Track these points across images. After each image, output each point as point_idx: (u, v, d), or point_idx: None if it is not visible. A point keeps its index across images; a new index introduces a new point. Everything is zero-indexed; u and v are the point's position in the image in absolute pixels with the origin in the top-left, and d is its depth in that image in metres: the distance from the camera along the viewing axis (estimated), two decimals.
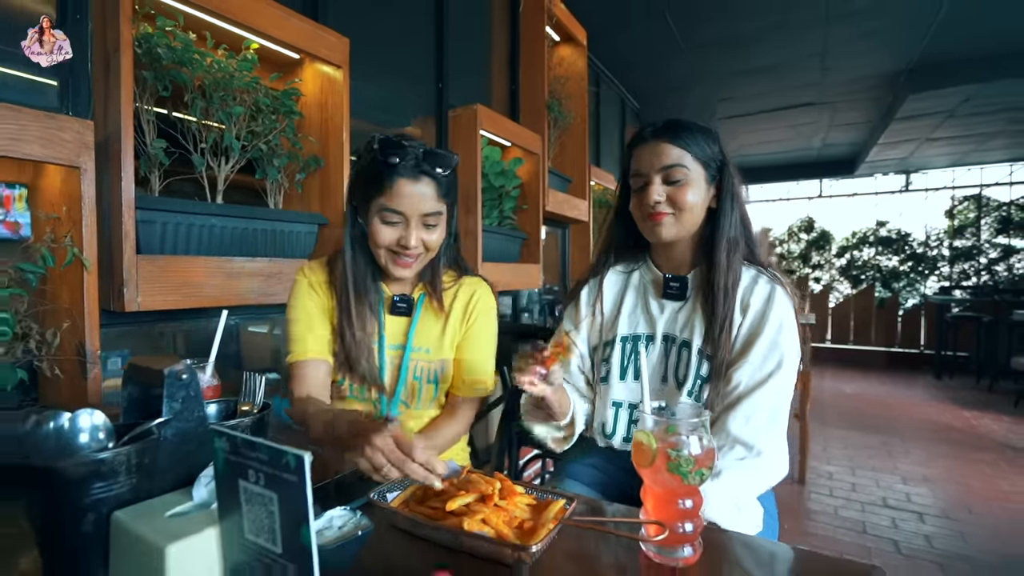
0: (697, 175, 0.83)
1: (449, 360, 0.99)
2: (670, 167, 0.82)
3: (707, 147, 0.84)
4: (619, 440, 0.88)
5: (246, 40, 1.31)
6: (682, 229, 0.85)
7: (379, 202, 0.85)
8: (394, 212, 0.84)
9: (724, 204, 0.84)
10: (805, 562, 0.47)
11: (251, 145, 1.30)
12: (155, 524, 0.42)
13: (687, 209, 0.83)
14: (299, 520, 0.34)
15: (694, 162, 0.83)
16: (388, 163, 0.82)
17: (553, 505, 0.50)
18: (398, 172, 0.83)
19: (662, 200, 0.83)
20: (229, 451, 0.38)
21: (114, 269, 1.00)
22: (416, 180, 0.84)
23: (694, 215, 0.84)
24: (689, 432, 0.47)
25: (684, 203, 0.82)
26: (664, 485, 0.47)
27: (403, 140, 0.84)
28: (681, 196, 0.82)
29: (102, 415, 0.44)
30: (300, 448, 0.34)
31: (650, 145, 0.84)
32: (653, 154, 0.84)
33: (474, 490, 0.50)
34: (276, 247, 1.34)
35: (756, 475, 0.74)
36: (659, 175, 0.83)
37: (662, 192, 0.83)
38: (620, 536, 0.44)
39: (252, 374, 0.61)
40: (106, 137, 1.01)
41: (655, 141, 0.84)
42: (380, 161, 0.83)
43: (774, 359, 0.78)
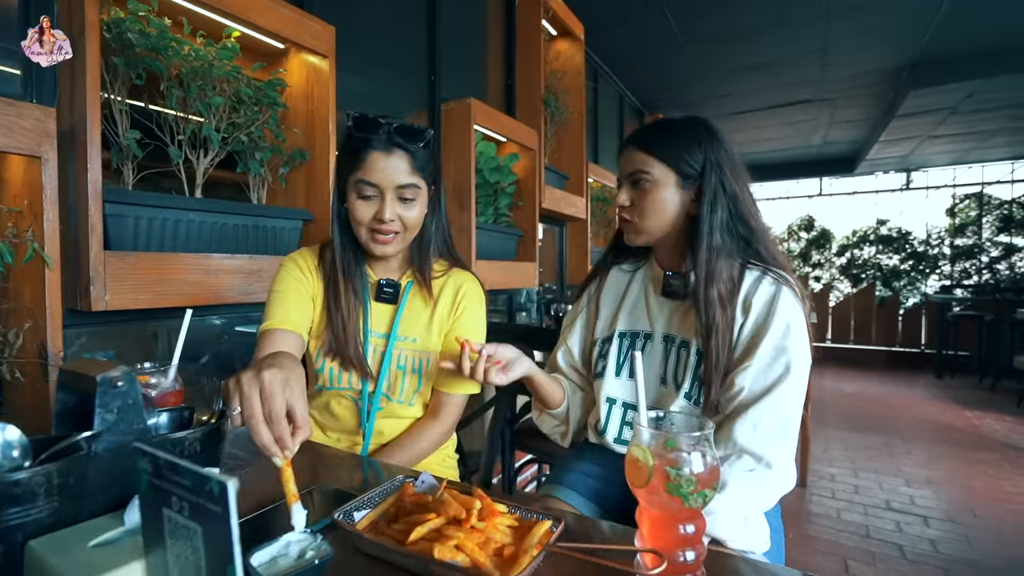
0: (664, 179, 0.81)
1: (435, 353, 0.96)
2: (632, 172, 0.83)
3: (681, 150, 0.81)
4: (611, 438, 0.85)
5: (227, 28, 1.25)
6: (648, 236, 0.85)
7: (355, 176, 0.86)
8: (368, 184, 0.85)
9: (703, 209, 0.79)
10: None
11: (232, 137, 1.25)
12: (74, 555, 0.36)
13: (648, 214, 0.83)
14: (224, 559, 0.29)
15: (661, 166, 0.81)
16: (362, 137, 0.85)
17: (538, 528, 0.45)
18: (371, 146, 0.85)
19: (627, 205, 0.85)
20: (152, 473, 0.33)
21: (80, 266, 0.94)
22: (389, 153, 0.85)
23: (659, 221, 0.83)
24: (691, 447, 0.41)
25: (644, 207, 0.83)
26: (662, 507, 0.41)
27: (379, 117, 0.86)
28: (642, 200, 0.83)
29: (16, 430, 0.39)
30: (226, 475, 0.28)
31: (625, 151, 0.86)
32: (625, 160, 0.86)
33: (445, 512, 0.44)
34: (258, 244, 1.28)
35: (766, 488, 0.69)
36: (627, 180, 0.85)
37: (627, 198, 0.85)
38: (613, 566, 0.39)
39: (213, 378, 0.55)
40: (71, 126, 0.95)
41: (628, 148, 0.86)
42: (355, 137, 0.85)
43: (781, 364, 0.72)
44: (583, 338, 0.95)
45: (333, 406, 0.98)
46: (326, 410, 0.99)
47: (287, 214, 1.35)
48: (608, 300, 0.94)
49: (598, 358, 0.91)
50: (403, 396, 0.96)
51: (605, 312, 0.93)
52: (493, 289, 2.26)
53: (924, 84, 3.81)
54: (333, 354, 0.93)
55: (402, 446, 0.93)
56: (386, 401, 0.96)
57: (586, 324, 0.95)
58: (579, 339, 0.95)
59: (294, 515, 0.44)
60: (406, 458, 0.92)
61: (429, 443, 0.95)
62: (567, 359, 0.96)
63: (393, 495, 0.53)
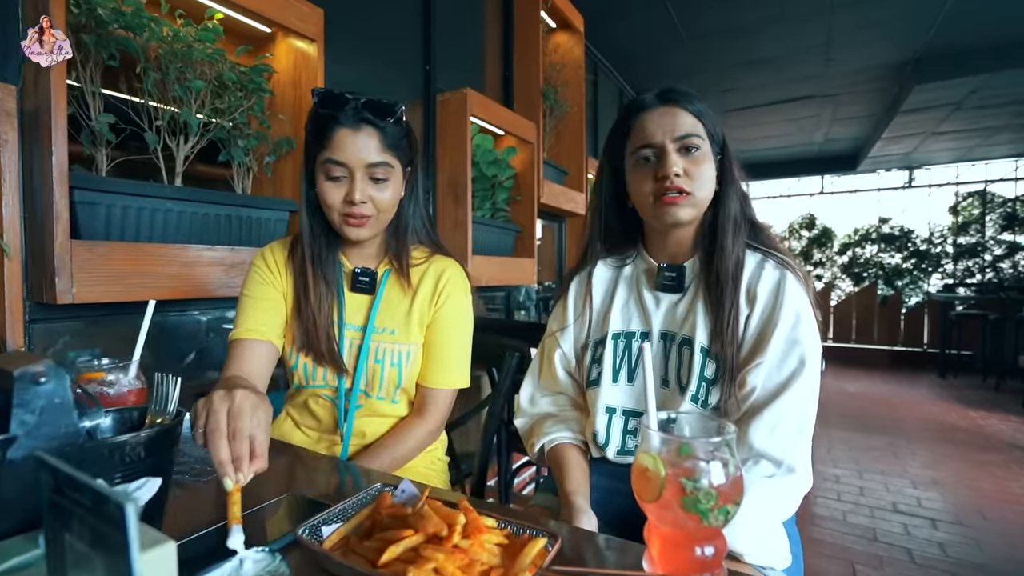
0: (710, 147, 0.74)
1: (416, 345, 0.90)
2: (687, 136, 0.72)
3: (714, 119, 0.75)
4: (613, 451, 0.77)
5: (209, 9, 1.19)
6: (697, 211, 0.75)
7: (323, 156, 0.80)
8: (337, 164, 0.80)
9: (726, 181, 0.75)
10: None
11: (214, 124, 1.19)
12: None
13: (704, 184, 0.73)
14: None
15: (705, 132, 0.74)
16: (327, 114, 0.79)
17: (531, 546, 0.39)
18: (339, 122, 0.79)
19: (681, 174, 0.72)
20: (53, 489, 0.27)
21: (45, 255, 0.88)
22: (357, 129, 0.79)
23: (708, 191, 0.74)
24: (710, 455, 0.35)
25: (703, 177, 0.73)
26: (676, 525, 0.35)
27: (346, 93, 0.80)
28: (698, 170, 0.72)
29: None
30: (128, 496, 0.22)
31: (660, 110, 0.74)
32: (665, 120, 0.73)
33: (424, 528, 0.38)
34: (240, 235, 1.22)
35: (787, 494, 0.63)
36: (675, 144, 0.72)
37: (680, 164, 0.72)
38: None
39: (165, 375, 0.49)
40: (36, 107, 0.89)
41: (667, 106, 0.74)
42: (321, 114, 0.80)
43: (795, 358, 0.67)
44: (575, 339, 0.85)
45: (311, 405, 0.92)
46: (304, 409, 0.93)
47: (272, 204, 1.29)
48: (597, 298, 0.84)
49: (591, 364, 0.81)
50: (383, 392, 0.90)
51: (594, 312, 0.84)
52: (490, 286, 2.20)
53: (928, 79, 3.75)
54: (306, 349, 0.87)
55: (385, 447, 0.87)
56: (365, 398, 0.90)
57: (577, 324, 0.85)
58: (571, 341, 0.86)
59: (232, 536, 0.40)
60: (389, 460, 0.86)
61: (415, 443, 0.89)
62: (565, 364, 0.86)
63: (369, 506, 0.47)
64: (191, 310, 1.22)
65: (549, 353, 0.87)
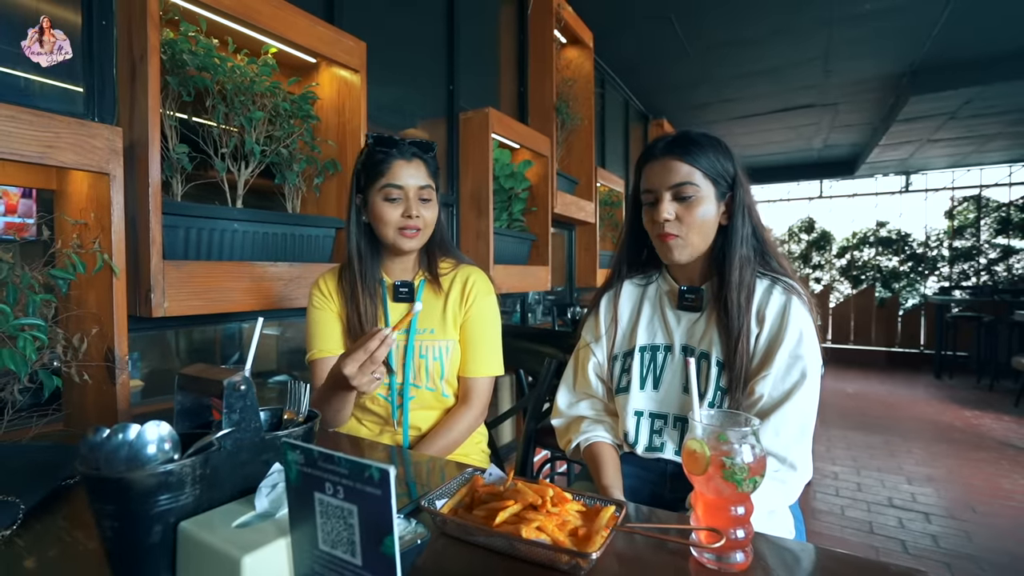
0: (707, 192, 0.83)
1: (453, 341, 1.06)
2: (680, 185, 0.82)
3: (718, 163, 0.83)
4: (642, 448, 0.88)
5: (265, 45, 1.31)
6: (694, 251, 0.85)
7: (380, 183, 0.98)
8: (395, 187, 0.98)
9: (736, 220, 0.83)
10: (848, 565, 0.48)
11: (271, 150, 1.31)
12: (225, 535, 0.42)
13: (696, 227, 0.83)
14: (382, 532, 0.35)
15: (704, 179, 0.83)
16: (384, 151, 0.99)
17: (604, 511, 0.51)
18: (394, 156, 0.99)
19: (671, 218, 0.83)
20: (304, 464, 0.39)
21: (140, 275, 1.01)
22: (409, 160, 1.00)
23: (703, 234, 0.84)
24: (740, 440, 0.48)
25: (693, 221, 0.82)
26: (718, 492, 0.48)
27: (393, 135, 1.01)
28: (690, 214, 0.82)
29: (168, 427, 0.45)
30: (382, 462, 0.34)
31: (661, 161, 0.84)
32: (664, 171, 0.84)
33: (522, 500, 0.51)
34: (295, 251, 1.35)
35: (790, 486, 0.75)
36: (669, 192, 0.83)
37: (672, 210, 0.83)
38: (672, 542, 0.45)
39: (296, 382, 0.62)
40: (131, 143, 1.02)
41: (665, 158, 0.84)
42: (379, 150, 1.00)
43: (797, 371, 0.78)
44: (607, 351, 0.95)
45: (369, 404, 1.07)
46: (364, 408, 1.08)
47: (321, 222, 1.41)
48: (624, 314, 0.95)
49: (621, 373, 0.92)
50: (431, 383, 1.05)
51: (622, 326, 0.95)
52: (508, 293, 2.32)
53: (923, 90, 3.88)
54: None
55: (439, 433, 1.02)
56: (415, 390, 1.04)
57: (608, 337, 0.96)
58: (604, 351, 0.96)
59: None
60: (444, 444, 1.01)
61: (464, 427, 1.03)
62: (597, 371, 0.96)
63: (466, 486, 0.60)
64: (252, 320, 1.35)
65: (583, 362, 0.97)
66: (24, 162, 0.84)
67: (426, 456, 0.91)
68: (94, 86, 1.04)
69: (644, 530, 0.46)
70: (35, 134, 0.84)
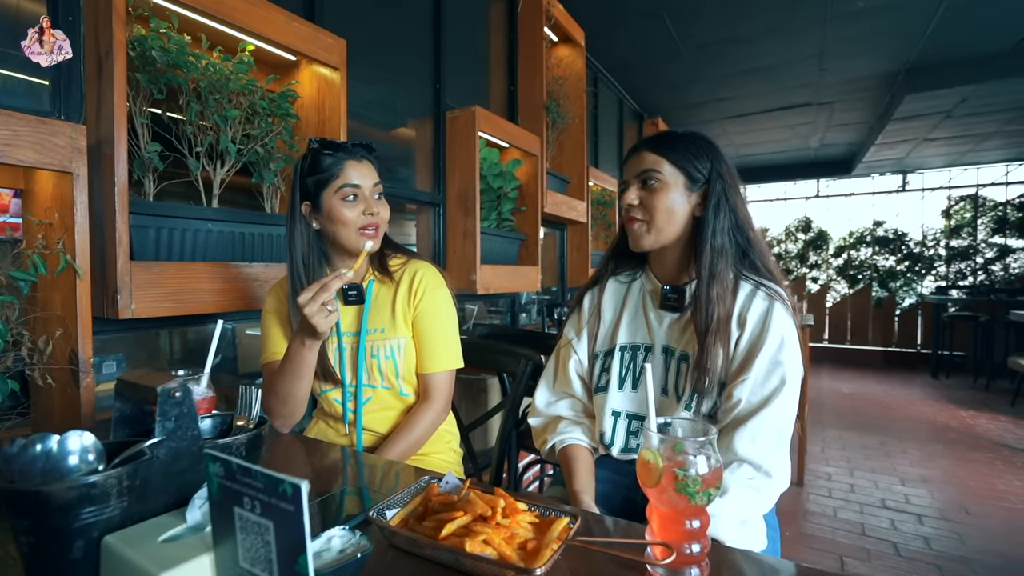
0: (674, 181, 0.84)
1: (405, 338, 1.04)
2: (644, 171, 0.86)
3: (690, 155, 0.84)
4: (617, 449, 0.87)
5: (242, 42, 1.29)
6: (658, 236, 0.86)
7: (336, 185, 0.97)
8: (352, 187, 0.97)
9: (708, 212, 0.83)
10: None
11: (247, 148, 1.29)
12: (148, 549, 0.40)
13: (660, 212, 0.84)
14: (296, 550, 0.33)
15: (672, 168, 0.84)
16: (332, 154, 0.99)
17: (557, 524, 0.49)
18: (343, 158, 0.99)
19: (636, 204, 0.86)
20: (224, 476, 0.37)
21: (107, 276, 0.99)
22: (360, 161, 1.00)
23: (670, 221, 0.85)
24: (696, 451, 0.46)
25: (656, 206, 0.84)
26: (671, 505, 0.45)
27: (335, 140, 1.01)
28: (652, 200, 0.85)
29: (92, 436, 0.43)
30: (297, 475, 0.32)
31: (636, 155, 0.88)
32: (635, 162, 0.88)
33: (472, 510, 0.49)
34: (271, 252, 1.32)
35: (764, 494, 0.73)
36: (636, 180, 0.87)
37: (635, 196, 0.86)
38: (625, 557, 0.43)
39: (248, 386, 0.60)
40: (98, 141, 0.99)
41: (637, 150, 0.88)
42: (328, 154, 0.99)
43: (776, 377, 0.76)
44: (588, 349, 0.95)
45: (326, 408, 1.08)
46: (326, 412, 1.08)
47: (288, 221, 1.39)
48: (607, 312, 0.95)
49: (600, 372, 0.92)
50: (387, 382, 1.03)
51: (605, 325, 0.94)
52: (498, 293, 2.30)
53: (919, 89, 3.86)
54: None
55: (400, 436, 0.99)
56: (371, 391, 1.03)
57: (590, 334, 0.95)
58: (585, 349, 0.96)
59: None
60: (405, 446, 0.98)
61: (426, 425, 1.01)
62: (578, 369, 0.96)
63: (420, 495, 0.58)
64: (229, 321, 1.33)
65: (564, 359, 0.97)
66: None
67: (383, 460, 0.89)
68: (60, 83, 1.02)
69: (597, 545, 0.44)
70: None
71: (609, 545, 0.44)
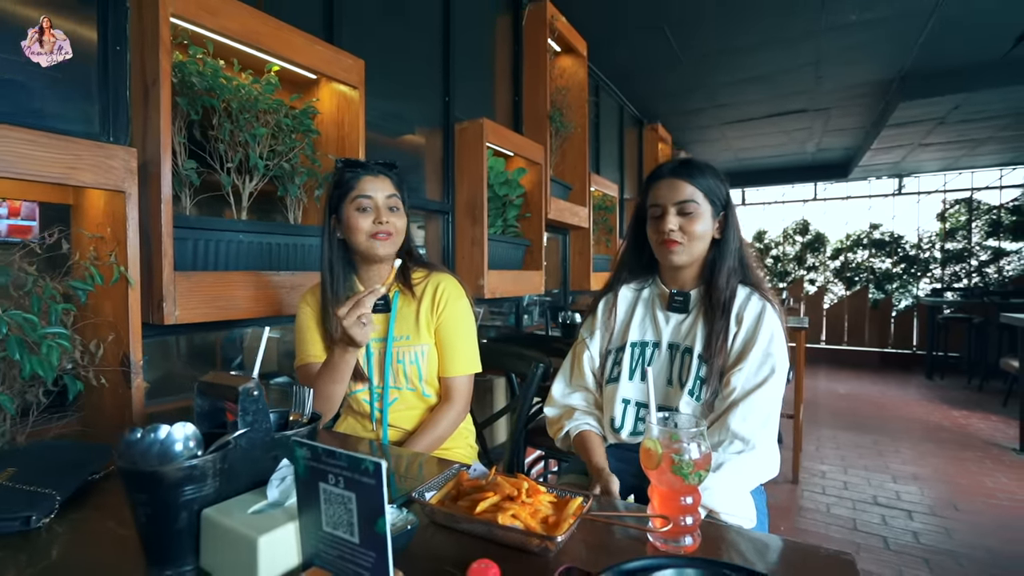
0: (705, 210, 0.97)
1: (428, 345, 1.13)
2: (684, 202, 0.96)
3: (715, 187, 0.98)
4: (626, 433, 0.99)
5: (268, 64, 1.38)
6: (691, 256, 0.98)
7: (352, 195, 1.07)
8: (365, 197, 1.07)
9: (727, 236, 0.98)
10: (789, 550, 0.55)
11: (274, 164, 1.38)
12: (244, 519, 0.49)
13: (696, 238, 0.96)
14: (375, 515, 0.42)
15: (704, 199, 0.97)
16: (352, 170, 1.10)
17: (573, 502, 0.58)
18: (362, 173, 1.09)
19: (676, 229, 0.96)
20: (310, 459, 0.46)
21: (153, 285, 1.08)
22: (376, 176, 1.10)
23: (702, 243, 0.98)
24: (690, 440, 0.55)
25: (693, 232, 0.96)
26: (668, 484, 0.55)
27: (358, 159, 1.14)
28: (691, 226, 0.96)
29: (192, 427, 0.52)
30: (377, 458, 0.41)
31: (667, 181, 0.98)
32: (670, 189, 0.98)
33: (501, 491, 0.58)
34: (296, 260, 1.41)
35: (752, 466, 0.85)
36: (674, 207, 0.97)
37: (675, 222, 0.96)
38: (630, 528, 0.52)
39: (300, 387, 0.69)
40: (144, 161, 1.08)
41: (672, 178, 0.98)
42: (347, 171, 1.10)
43: (767, 367, 0.90)
44: (601, 347, 1.09)
45: (355, 406, 1.17)
46: (355, 409, 1.17)
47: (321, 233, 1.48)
48: (620, 315, 1.09)
49: (612, 365, 1.05)
50: (411, 384, 1.13)
51: (617, 325, 1.08)
52: (503, 297, 2.39)
53: (913, 96, 3.96)
54: None
55: (424, 432, 1.10)
56: (397, 392, 1.13)
57: (603, 335, 1.09)
58: (598, 348, 1.09)
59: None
60: (429, 441, 1.09)
61: (447, 424, 1.12)
62: (591, 365, 1.08)
63: (451, 480, 0.67)
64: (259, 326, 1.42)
65: (579, 355, 1.09)
66: (46, 183, 0.90)
67: (408, 452, 1.00)
68: (109, 108, 1.11)
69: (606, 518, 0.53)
70: (56, 156, 0.91)
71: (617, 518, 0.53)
